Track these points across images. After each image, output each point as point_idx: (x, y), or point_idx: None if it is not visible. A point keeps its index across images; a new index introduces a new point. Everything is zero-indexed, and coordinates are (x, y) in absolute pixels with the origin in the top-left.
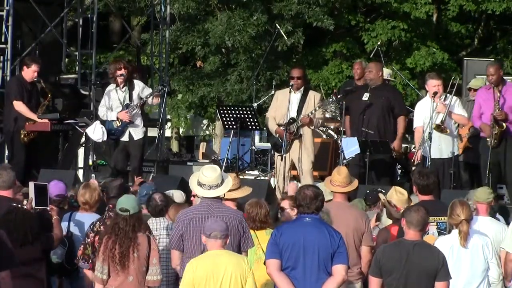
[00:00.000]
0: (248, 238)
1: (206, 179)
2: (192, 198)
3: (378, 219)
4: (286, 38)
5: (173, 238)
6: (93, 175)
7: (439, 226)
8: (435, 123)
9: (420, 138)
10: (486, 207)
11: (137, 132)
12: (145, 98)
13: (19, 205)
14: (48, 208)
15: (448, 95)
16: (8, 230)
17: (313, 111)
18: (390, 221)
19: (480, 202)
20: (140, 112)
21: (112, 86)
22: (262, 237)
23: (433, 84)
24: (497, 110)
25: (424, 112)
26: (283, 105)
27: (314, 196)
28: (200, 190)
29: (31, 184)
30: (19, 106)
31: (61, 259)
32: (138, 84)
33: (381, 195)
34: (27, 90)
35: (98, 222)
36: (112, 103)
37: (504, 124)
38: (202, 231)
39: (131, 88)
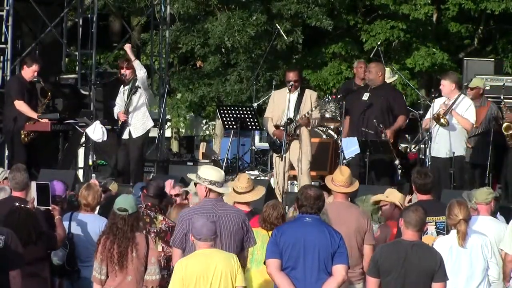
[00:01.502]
0: (250, 237)
1: (217, 175)
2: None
3: None
4: (285, 37)
5: (176, 237)
6: (93, 175)
7: (437, 226)
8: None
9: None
10: (487, 207)
11: (137, 129)
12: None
13: (22, 205)
14: (50, 208)
15: (462, 95)
16: (11, 230)
17: (310, 112)
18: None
19: (478, 202)
20: (141, 106)
21: (122, 87)
22: None
23: (440, 84)
24: (506, 112)
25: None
26: (280, 105)
27: (317, 197)
28: (214, 187)
29: (33, 184)
30: (21, 106)
31: (62, 261)
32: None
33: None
34: (27, 90)
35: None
36: (120, 102)
37: None
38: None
39: (133, 87)
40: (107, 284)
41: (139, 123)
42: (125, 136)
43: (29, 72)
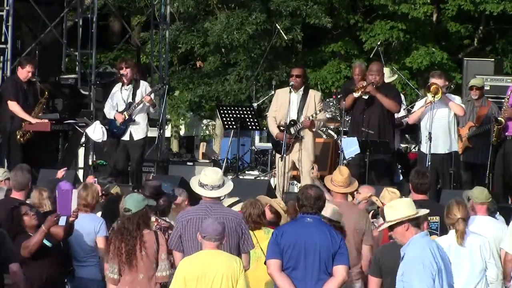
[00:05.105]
0: (247, 240)
1: (209, 179)
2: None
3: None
4: (284, 36)
5: (172, 239)
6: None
7: (430, 226)
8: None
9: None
10: (484, 206)
11: (138, 132)
12: (144, 95)
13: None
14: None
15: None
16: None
17: (314, 115)
18: None
19: (476, 202)
20: (143, 110)
21: (118, 86)
22: (260, 236)
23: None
24: (504, 106)
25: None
26: (285, 104)
27: (317, 196)
28: (202, 190)
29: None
30: (13, 106)
31: None
32: (143, 84)
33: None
34: (23, 90)
35: None
36: (117, 102)
37: (502, 120)
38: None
39: (136, 86)
40: (120, 283)
41: (141, 126)
42: (126, 137)
43: (23, 73)
